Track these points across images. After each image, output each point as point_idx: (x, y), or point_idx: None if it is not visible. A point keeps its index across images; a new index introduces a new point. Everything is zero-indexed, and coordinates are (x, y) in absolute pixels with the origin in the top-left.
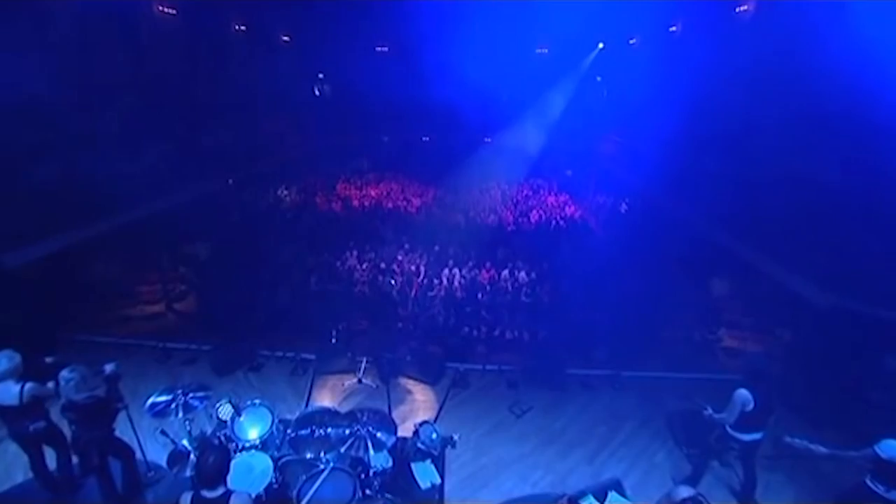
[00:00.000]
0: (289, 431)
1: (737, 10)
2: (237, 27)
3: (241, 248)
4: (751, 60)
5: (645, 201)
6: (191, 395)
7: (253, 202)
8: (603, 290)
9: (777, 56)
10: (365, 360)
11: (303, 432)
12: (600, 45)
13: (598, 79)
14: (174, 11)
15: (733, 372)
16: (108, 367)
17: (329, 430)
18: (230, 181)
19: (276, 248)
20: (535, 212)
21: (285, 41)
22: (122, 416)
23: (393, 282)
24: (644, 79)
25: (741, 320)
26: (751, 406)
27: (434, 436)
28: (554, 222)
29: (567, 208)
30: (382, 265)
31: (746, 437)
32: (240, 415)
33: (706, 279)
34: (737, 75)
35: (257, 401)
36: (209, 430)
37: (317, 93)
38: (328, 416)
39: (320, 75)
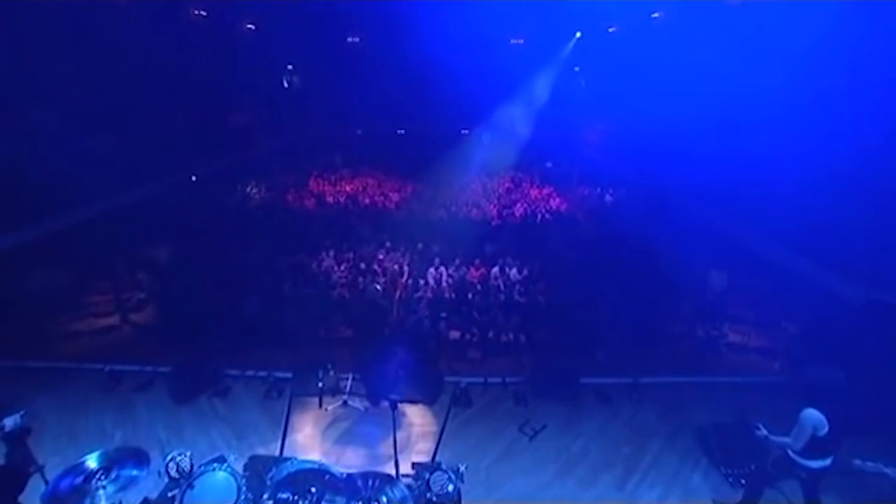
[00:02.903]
0: (265, 497)
1: None
2: (196, 12)
3: (206, 251)
4: (742, 44)
5: (632, 191)
6: (116, 471)
7: (219, 200)
8: (598, 286)
9: (771, 39)
10: (350, 377)
11: (283, 497)
12: (578, 35)
13: (576, 69)
14: None
15: (746, 373)
16: (9, 422)
17: (318, 498)
18: (193, 178)
19: (244, 251)
20: (519, 205)
21: (250, 29)
22: (36, 479)
23: (376, 285)
24: (626, 67)
25: (744, 314)
26: (825, 430)
27: (451, 487)
28: (540, 216)
29: (552, 201)
30: (362, 265)
31: (815, 465)
32: (192, 486)
33: (705, 271)
34: (730, 59)
35: (215, 465)
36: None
37: (286, 84)
38: (317, 477)
39: (289, 66)
